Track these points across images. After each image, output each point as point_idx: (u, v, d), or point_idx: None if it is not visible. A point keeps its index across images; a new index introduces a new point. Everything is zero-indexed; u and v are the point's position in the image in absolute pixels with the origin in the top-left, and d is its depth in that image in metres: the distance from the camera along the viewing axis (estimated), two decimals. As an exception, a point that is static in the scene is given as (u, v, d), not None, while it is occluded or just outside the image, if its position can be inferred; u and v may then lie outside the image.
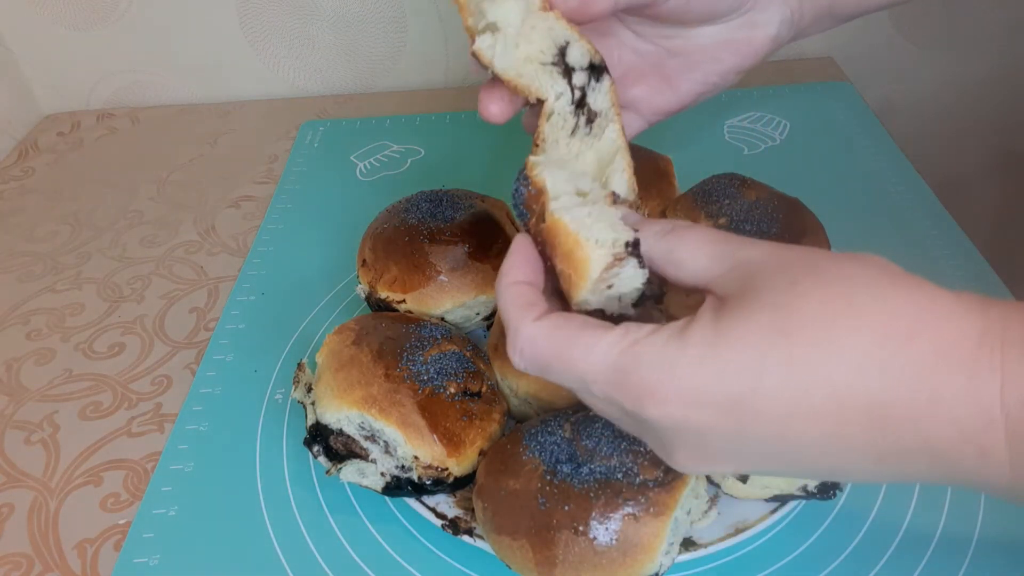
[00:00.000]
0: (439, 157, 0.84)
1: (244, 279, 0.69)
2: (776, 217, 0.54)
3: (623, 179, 0.38)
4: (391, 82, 0.98)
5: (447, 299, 0.54)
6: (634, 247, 0.35)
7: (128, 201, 0.81)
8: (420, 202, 0.58)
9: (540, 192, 0.36)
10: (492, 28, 0.37)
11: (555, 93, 0.39)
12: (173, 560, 0.48)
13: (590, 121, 0.39)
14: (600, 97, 0.39)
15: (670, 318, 0.33)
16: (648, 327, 0.32)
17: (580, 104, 0.39)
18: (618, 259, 0.34)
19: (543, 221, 0.36)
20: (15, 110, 0.95)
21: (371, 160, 0.84)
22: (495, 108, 0.41)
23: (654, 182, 0.61)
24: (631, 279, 0.35)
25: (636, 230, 0.35)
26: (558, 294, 0.37)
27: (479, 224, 0.57)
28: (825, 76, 0.92)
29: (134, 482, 0.53)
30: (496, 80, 0.39)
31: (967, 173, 1.02)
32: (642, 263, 0.35)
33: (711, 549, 0.44)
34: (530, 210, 0.37)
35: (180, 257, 0.73)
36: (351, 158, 0.84)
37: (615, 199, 0.37)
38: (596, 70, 0.39)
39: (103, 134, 0.93)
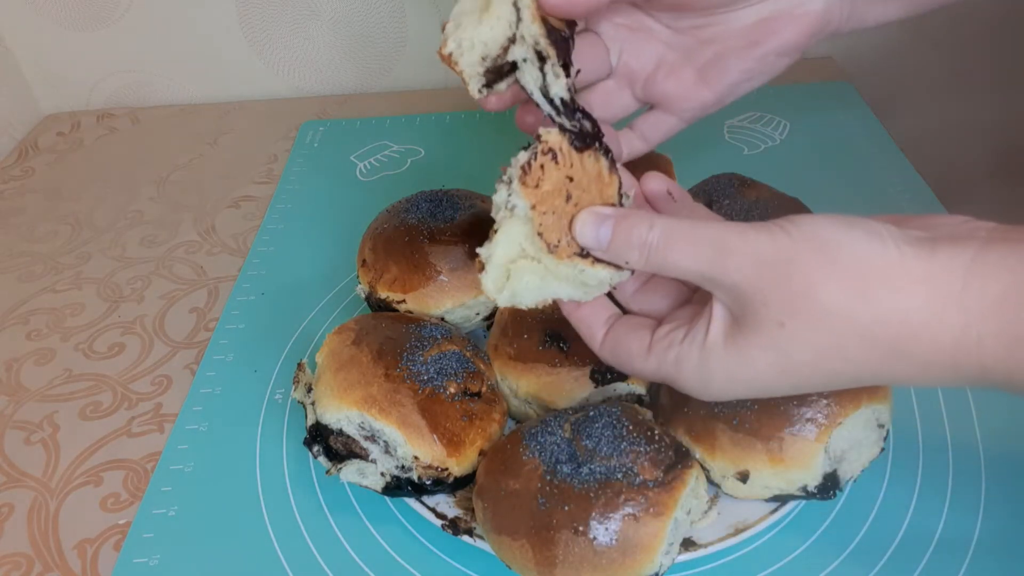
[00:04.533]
0: (439, 157, 0.84)
1: (244, 279, 0.69)
2: (776, 217, 0.54)
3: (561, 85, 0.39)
4: (391, 82, 0.98)
5: (447, 299, 0.54)
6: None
7: (128, 201, 0.81)
8: (420, 202, 0.58)
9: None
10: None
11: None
12: (173, 560, 0.48)
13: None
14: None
15: None
16: (671, 354, 0.38)
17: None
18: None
19: None
20: (15, 110, 0.95)
21: (371, 160, 0.84)
22: (494, 99, 0.42)
23: (654, 182, 0.61)
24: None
25: (620, 266, 0.38)
26: None
27: (479, 224, 0.57)
28: (825, 76, 0.92)
29: (134, 482, 0.53)
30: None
31: (967, 173, 1.02)
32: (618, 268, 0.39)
33: (711, 549, 0.44)
34: None
35: (180, 257, 0.73)
36: (351, 158, 0.84)
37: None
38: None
39: (103, 134, 0.93)
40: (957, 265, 0.31)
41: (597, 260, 0.38)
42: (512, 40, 0.38)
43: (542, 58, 0.37)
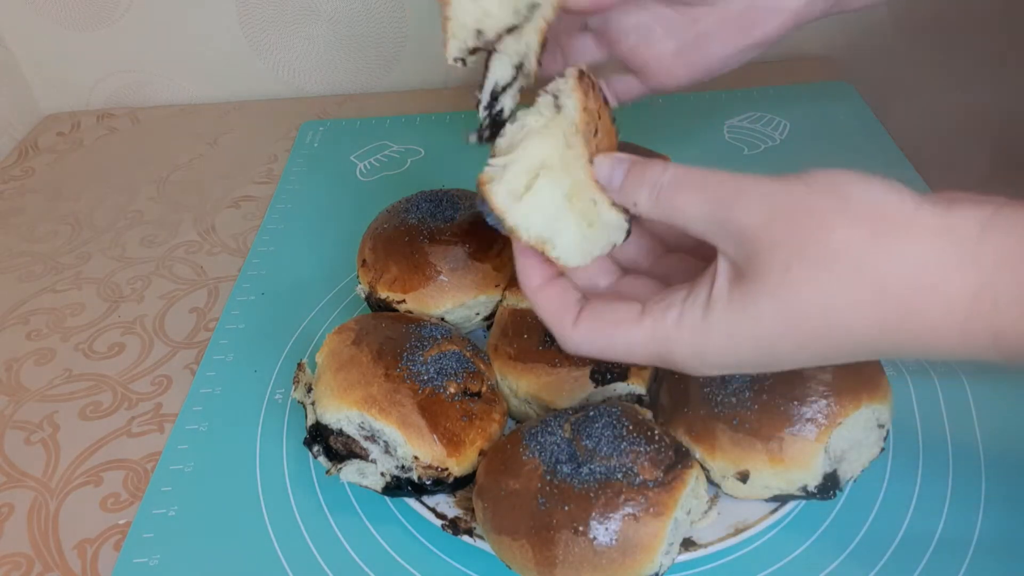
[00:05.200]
0: (439, 157, 0.84)
1: (244, 279, 0.69)
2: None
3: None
4: (391, 82, 0.98)
5: (447, 299, 0.54)
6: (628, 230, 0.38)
7: (128, 201, 0.81)
8: (420, 202, 0.58)
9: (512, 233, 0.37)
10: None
11: None
12: (173, 560, 0.48)
13: None
14: None
15: None
16: (672, 312, 0.35)
17: None
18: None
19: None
20: (15, 110, 0.95)
21: (371, 160, 0.84)
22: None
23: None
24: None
25: (627, 213, 0.37)
26: None
27: (479, 224, 0.57)
28: (825, 76, 0.91)
29: (134, 482, 0.53)
30: None
31: (967, 173, 1.01)
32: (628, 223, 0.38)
33: (711, 549, 0.44)
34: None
35: (180, 257, 0.73)
36: (351, 158, 0.84)
37: (594, 150, 0.37)
38: None
39: (103, 134, 0.93)
40: (973, 223, 0.30)
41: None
42: (510, 31, 0.39)
43: (519, 67, 0.39)
